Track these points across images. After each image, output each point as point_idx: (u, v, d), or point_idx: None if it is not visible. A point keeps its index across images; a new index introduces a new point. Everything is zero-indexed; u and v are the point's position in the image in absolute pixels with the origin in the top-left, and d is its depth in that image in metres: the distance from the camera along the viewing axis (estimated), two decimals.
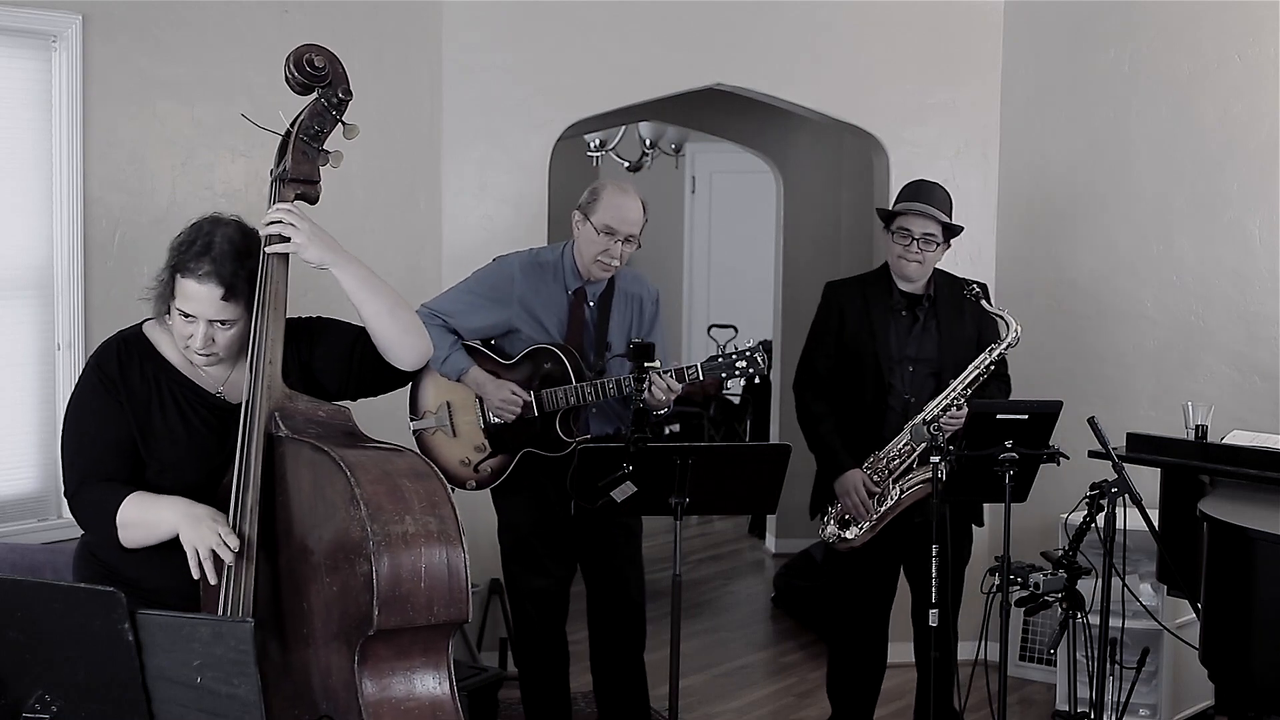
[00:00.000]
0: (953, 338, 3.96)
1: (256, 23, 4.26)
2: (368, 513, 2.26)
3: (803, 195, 6.91)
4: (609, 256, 3.73)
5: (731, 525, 7.78)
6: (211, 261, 2.46)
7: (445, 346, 3.77)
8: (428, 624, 2.31)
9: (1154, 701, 4.39)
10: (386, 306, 2.56)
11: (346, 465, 2.31)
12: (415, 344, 2.62)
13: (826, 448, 3.95)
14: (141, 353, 2.59)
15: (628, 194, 3.80)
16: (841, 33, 5.08)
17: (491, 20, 4.85)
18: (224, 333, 2.52)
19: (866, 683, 4.09)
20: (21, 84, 3.76)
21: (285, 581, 2.42)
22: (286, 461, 2.43)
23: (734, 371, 3.64)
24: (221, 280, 2.46)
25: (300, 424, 2.46)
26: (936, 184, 4.02)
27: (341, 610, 2.30)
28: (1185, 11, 4.72)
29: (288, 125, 2.53)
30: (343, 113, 2.53)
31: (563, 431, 3.70)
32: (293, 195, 2.52)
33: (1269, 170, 4.53)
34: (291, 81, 2.50)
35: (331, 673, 2.32)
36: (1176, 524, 3.79)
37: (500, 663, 4.81)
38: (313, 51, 2.48)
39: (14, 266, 3.79)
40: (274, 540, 2.44)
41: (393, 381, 2.68)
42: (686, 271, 9.74)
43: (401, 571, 2.26)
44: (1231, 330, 4.63)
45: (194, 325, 2.50)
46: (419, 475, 2.39)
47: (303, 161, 2.52)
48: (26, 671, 2.03)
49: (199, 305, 2.48)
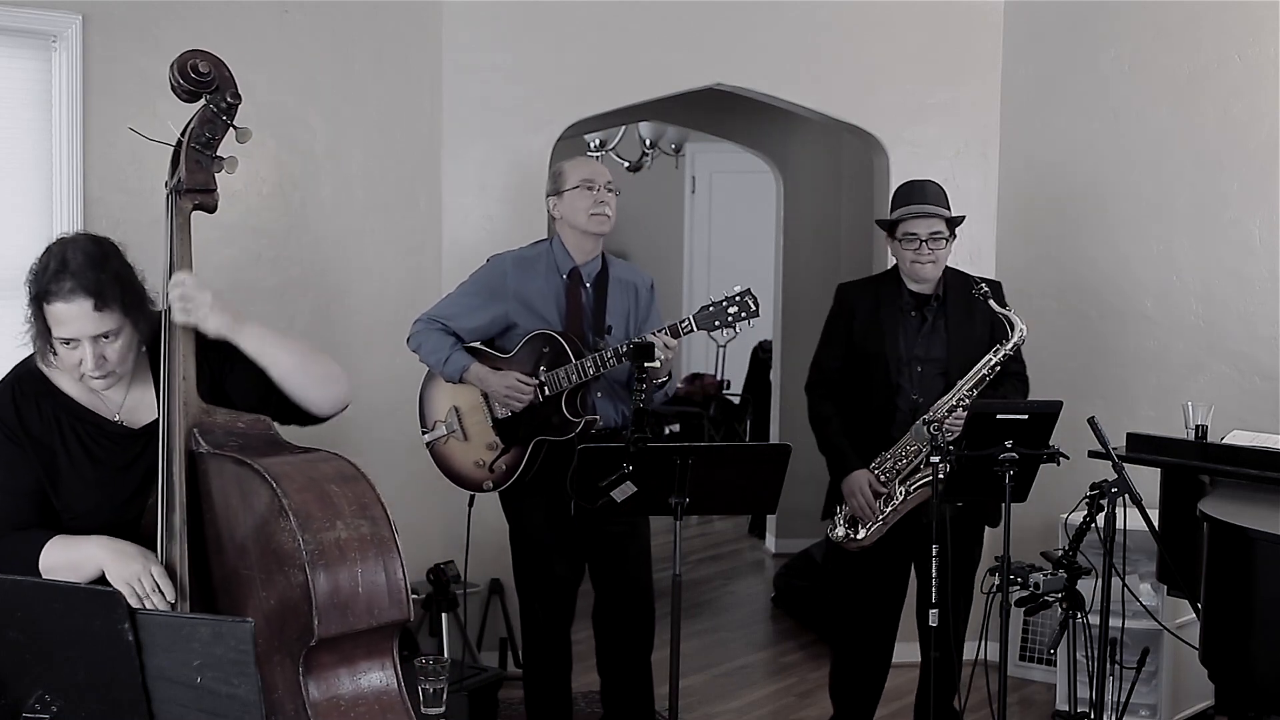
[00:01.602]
0: (962, 338, 3.93)
1: (256, 23, 4.26)
2: (297, 522, 2.23)
3: (803, 195, 6.91)
4: (600, 205, 3.76)
5: (731, 525, 7.78)
6: (72, 277, 2.37)
7: (445, 349, 3.78)
8: (369, 628, 2.28)
9: (1154, 701, 4.39)
10: (295, 363, 2.51)
11: (271, 476, 2.27)
12: (330, 395, 2.56)
13: (834, 448, 3.97)
14: (36, 390, 2.50)
15: (587, 158, 3.94)
16: (841, 33, 5.08)
17: (491, 20, 4.85)
18: (111, 346, 2.42)
19: (870, 683, 4.08)
20: (21, 84, 3.76)
21: (221, 599, 2.38)
22: (210, 478, 2.39)
23: (726, 318, 3.63)
24: (89, 290, 2.37)
25: (220, 438, 2.41)
26: (928, 181, 4.02)
27: (281, 623, 2.27)
28: (1185, 11, 4.72)
29: (178, 135, 2.48)
30: (233, 117, 2.47)
31: (569, 412, 3.70)
32: (191, 206, 2.46)
33: (1269, 170, 4.53)
34: (178, 90, 2.46)
35: (277, 686, 2.28)
36: (1176, 524, 3.79)
37: (500, 663, 4.81)
38: (197, 57, 2.44)
39: (14, 266, 3.76)
40: (205, 558, 2.40)
41: (306, 421, 2.61)
42: (686, 271, 9.74)
43: (338, 579, 2.23)
44: (1231, 330, 4.63)
45: (79, 350, 2.40)
46: (346, 479, 2.36)
47: (196, 170, 2.45)
48: (26, 671, 2.02)
49: (75, 325, 2.38)
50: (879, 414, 3.94)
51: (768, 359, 8.02)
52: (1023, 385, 3.99)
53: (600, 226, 3.78)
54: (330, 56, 4.49)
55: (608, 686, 3.96)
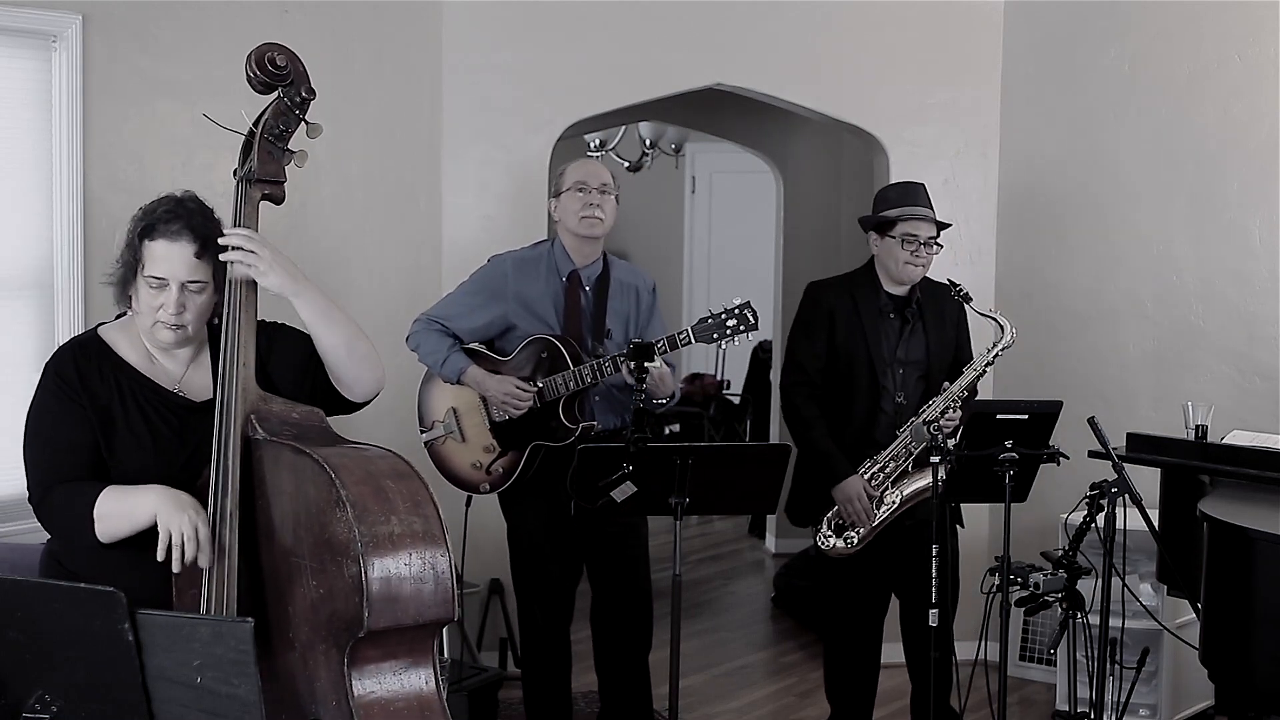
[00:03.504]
0: (939, 341, 3.98)
1: (256, 23, 4.26)
2: (354, 513, 2.25)
3: (803, 195, 6.91)
4: (590, 208, 3.75)
5: (731, 525, 7.79)
6: (181, 219, 2.46)
7: (443, 350, 3.78)
8: (415, 624, 2.30)
9: (1154, 701, 4.39)
10: (344, 339, 2.55)
11: (330, 467, 2.29)
12: (369, 377, 2.60)
13: (821, 454, 3.91)
14: (99, 355, 2.56)
15: (589, 159, 3.95)
16: (841, 33, 5.08)
17: (491, 20, 4.85)
18: (196, 298, 2.48)
19: (862, 684, 4.08)
20: (21, 84, 3.76)
21: (268, 586, 2.40)
22: (265, 465, 2.41)
23: (725, 331, 3.60)
24: (195, 235, 2.45)
25: (276, 426, 2.44)
26: (919, 183, 4.03)
27: (330, 613, 2.29)
28: (1185, 11, 4.72)
29: (250, 125, 2.51)
30: (305, 111, 2.50)
31: (567, 419, 3.70)
32: (259, 195, 2.51)
33: (1269, 170, 4.53)
34: (254, 81, 2.48)
35: (320, 676, 2.31)
36: (1176, 524, 3.79)
37: (500, 663, 4.81)
38: (275, 50, 2.46)
39: (14, 266, 3.79)
40: (254, 544, 2.42)
41: (339, 408, 2.64)
42: (686, 271, 9.74)
43: (390, 572, 2.26)
44: (1231, 330, 4.62)
45: (165, 293, 2.46)
46: (401, 475, 2.38)
47: (269, 161, 2.50)
48: (26, 671, 2.02)
49: (171, 266, 2.45)
50: (863, 416, 3.93)
51: (768, 359, 8.02)
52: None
53: (590, 230, 3.78)
54: (330, 57, 4.48)
55: (606, 686, 3.96)
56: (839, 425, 3.94)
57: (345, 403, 2.64)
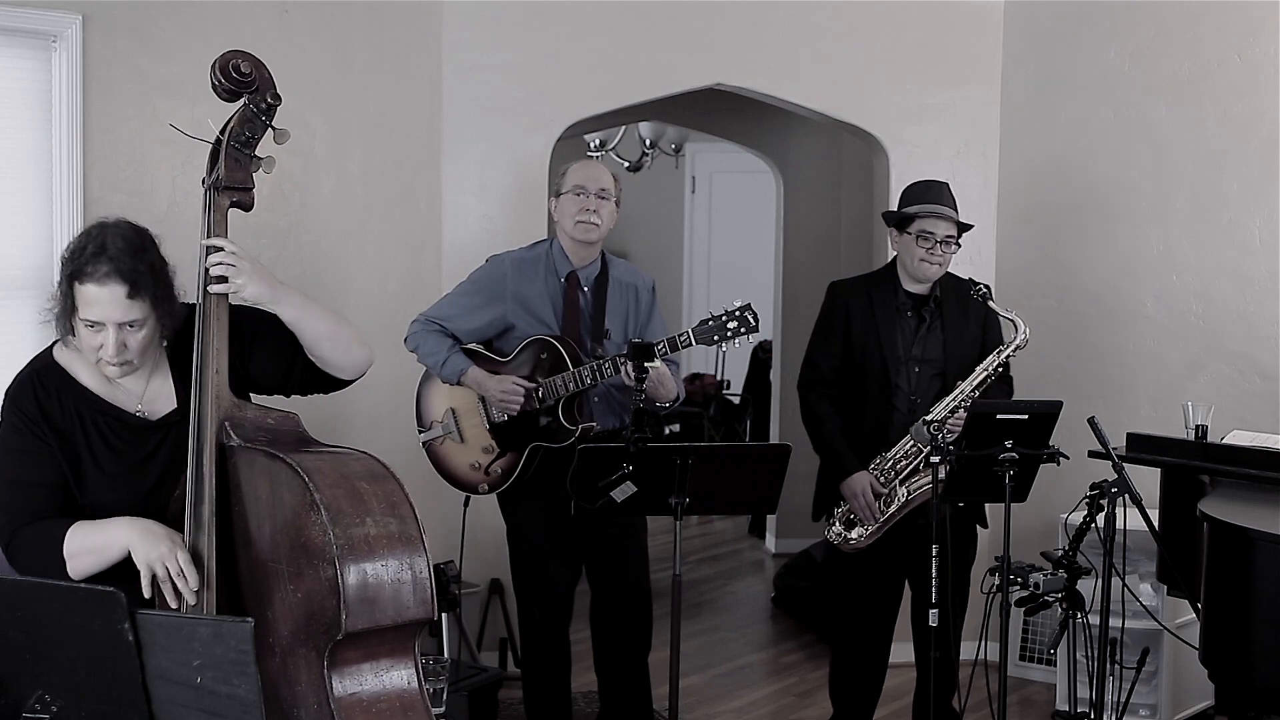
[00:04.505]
0: (958, 339, 3.95)
1: (256, 23, 4.26)
2: (328, 516, 2.25)
3: (803, 195, 6.91)
4: (586, 213, 3.75)
5: (731, 525, 7.79)
6: (109, 260, 2.37)
7: (443, 350, 3.78)
8: (394, 624, 2.30)
9: (1154, 701, 4.39)
10: (327, 332, 2.56)
11: (304, 470, 2.29)
12: (357, 357, 2.62)
13: (832, 450, 3.94)
14: (58, 384, 2.50)
15: (591, 160, 3.94)
16: (841, 33, 5.08)
17: (491, 20, 4.85)
18: (135, 335, 2.42)
19: (869, 684, 4.08)
20: (21, 84, 3.76)
21: (247, 592, 2.40)
22: (240, 471, 2.41)
23: (726, 333, 3.59)
24: (124, 277, 2.37)
25: (251, 432, 2.44)
26: (944, 182, 4.02)
27: (308, 616, 2.29)
28: (1185, 11, 4.72)
29: (217, 133, 2.50)
30: (272, 117, 2.50)
31: (566, 420, 3.70)
32: (228, 203, 2.49)
33: (1269, 170, 4.53)
34: (219, 88, 2.47)
35: (300, 680, 2.31)
36: (1176, 524, 3.79)
37: (500, 663, 4.81)
38: (239, 57, 2.46)
39: (14, 266, 3.79)
40: (232, 551, 2.42)
41: (332, 386, 2.67)
42: (686, 271, 9.75)
43: (367, 574, 2.26)
44: (1231, 330, 4.62)
45: (102, 334, 2.40)
46: (376, 477, 2.38)
47: (235, 169, 2.48)
48: (26, 671, 2.02)
49: (104, 309, 2.38)
50: (876, 414, 3.93)
51: (768, 359, 8.02)
52: (1008, 388, 4.00)
53: (585, 234, 3.77)
54: (330, 56, 4.48)
55: (606, 686, 3.96)
56: (853, 422, 3.95)
57: (336, 380, 2.65)
